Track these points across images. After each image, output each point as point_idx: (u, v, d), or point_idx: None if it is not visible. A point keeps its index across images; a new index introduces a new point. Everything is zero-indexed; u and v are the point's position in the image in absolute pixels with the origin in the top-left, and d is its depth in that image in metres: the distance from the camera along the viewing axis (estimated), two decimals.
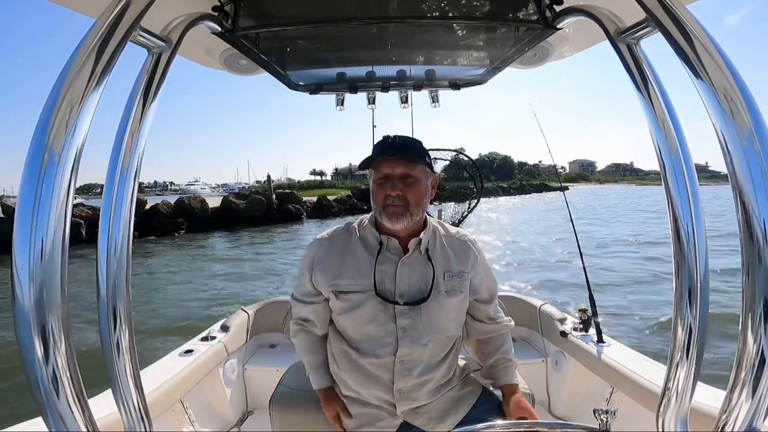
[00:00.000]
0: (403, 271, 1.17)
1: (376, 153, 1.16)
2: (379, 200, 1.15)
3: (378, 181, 1.14)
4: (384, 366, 1.15)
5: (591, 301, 2.10)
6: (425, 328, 1.15)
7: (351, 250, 1.21)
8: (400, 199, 1.12)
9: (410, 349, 1.14)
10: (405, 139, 1.17)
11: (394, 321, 1.15)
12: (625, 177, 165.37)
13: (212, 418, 2.01)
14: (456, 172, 3.43)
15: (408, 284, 1.17)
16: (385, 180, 1.13)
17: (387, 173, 1.13)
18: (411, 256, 1.19)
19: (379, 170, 1.14)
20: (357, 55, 1.50)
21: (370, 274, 1.16)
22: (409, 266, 1.18)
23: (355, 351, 1.18)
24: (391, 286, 1.17)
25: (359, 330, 1.17)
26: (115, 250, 0.65)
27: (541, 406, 2.18)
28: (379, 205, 1.15)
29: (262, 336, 2.48)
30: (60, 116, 0.53)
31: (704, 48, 0.60)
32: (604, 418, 0.63)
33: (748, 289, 0.56)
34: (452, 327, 1.21)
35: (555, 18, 1.02)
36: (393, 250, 1.19)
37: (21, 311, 0.50)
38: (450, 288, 1.18)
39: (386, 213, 1.14)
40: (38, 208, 0.50)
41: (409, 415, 1.17)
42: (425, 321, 1.15)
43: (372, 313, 1.15)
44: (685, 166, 0.67)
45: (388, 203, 1.13)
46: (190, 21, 0.85)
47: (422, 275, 1.18)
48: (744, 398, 0.57)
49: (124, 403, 0.66)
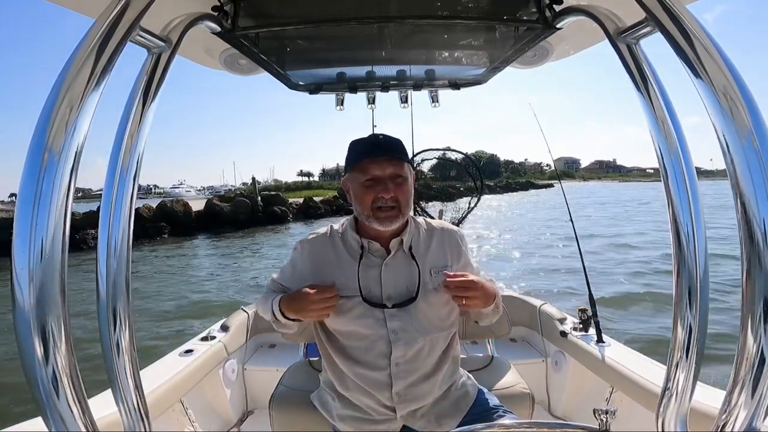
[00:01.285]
0: (388, 273, 1.15)
1: (362, 153, 1.10)
2: (366, 203, 1.09)
3: (365, 183, 1.09)
4: (380, 372, 1.13)
5: (591, 301, 2.10)
6: (417, 328, 1.13)
7: (335, 255, 1.18)
8: (392, 200, 1.09)
9: (404, 351, 1.12)
10: (390, 137, 1.14)
11: (385, 325, 1.13)
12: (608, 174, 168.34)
13: (212, 418, 2.01)
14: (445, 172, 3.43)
15: (394, 286, 1.14)
16: (374, 182, 1.08)
17: (376, 175, 1.08)
18: (395, 257, 1.16)
19: (366, 171, 1.08)
20: (357, 55, 1.50)
21: (354, 280, 1.14)
22: (393, 267, 1.16)
23: (348, 361, 1.15)
24: (377, 290, 1.14)
25: (350, 335, 1.15)
26: (115, 250, 0.65)
27: (541, 406, 2.19)
28: (367, 209, 1.10)
29: (262, 336, 2.48)
30: (60, 116, 0.53)
31: (704, 48, 0.60)
32: (604, 418, 0.63)
33: (748, 289, 0.56)
34: (445, 323, 1.19)
35: (555, 18, 1.02)
36: (375, 253, 1.17)
37: (21, 311, 0.50)
38: (437, 284, 1.15)
39: (377, 217, 1.09)
40: (38, 208, 0.50)
41: (408, 419, 1.16)
42: (416, 321, 1.13)
43: (361, 318, 1.13)
44: (685, 166, 0.67)
45: (379, 206, 1.08)
46: (190, 21, 0.85)
47: (408, 275, 1.15)
48: (744, 398, 0.57)
49: (124, 403, 0.66)
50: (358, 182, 1.11)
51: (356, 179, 1.11)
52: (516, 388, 1.50)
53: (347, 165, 1.14)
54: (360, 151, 1.11)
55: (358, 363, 1.14)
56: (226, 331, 2.22)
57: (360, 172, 1.10)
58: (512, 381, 1.55)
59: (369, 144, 1.11)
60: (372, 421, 1.15)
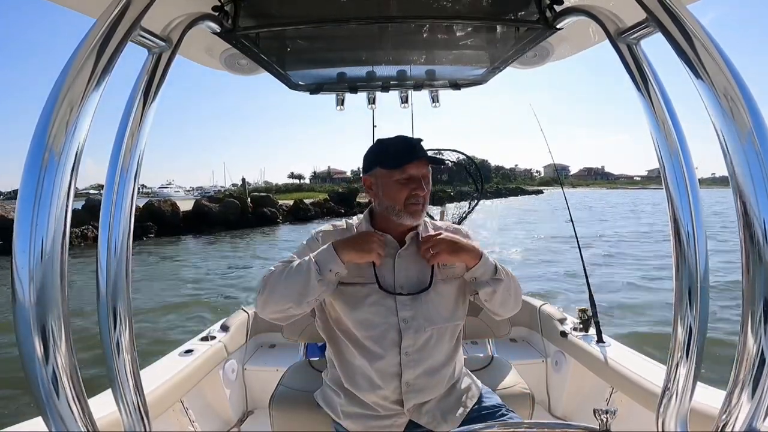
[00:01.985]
0: (400, 263, 1.21)
1: (402, 154, 1.18)
2: (400, 199, 1.17)
3: (402, 181, 1.17)
4: (390, 361, 1.16)
5: (591, 301, 2.10)
6: (427, 317, 1.17)
7: None
8: (422, 198, 1.18)
9: (414, 340, 1.16)
10: (418, 140, 1.22)
11: (396, 313, 1.17)
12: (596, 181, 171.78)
13: (212, 418, 2.01)
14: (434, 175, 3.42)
15: (406, 276, 1.21)
16: (410, 180, 1.17)
17: (413, 174, 1.17)
18: (408, 249, 1.23)
19: (405, 171, 1.17)
20: (357, 55, 1.50)
21: (369, 269, 1.19)
22: (406, 258, 1.22)
23: (359, 351, 1.18)
24: (390, 279, 1.20)
25: (361, 324, 1.18)
26: (115, 250, 0.65)
27: (541, 406, 2.19)
28: (400, 204, 1.18)
29: (262, 336, 2.49)
30: (60, 116, 0.53)
31: (704, 48, 0.60)
32: (604, 418, 0.63)
33: (748, 289, 0.56)
34: (454, 315, 1.23)
35: (555, 18, 1.02)
36: (389, 244, 1.22)
37: (21, 311, 0.50)
38: (445, 276, 1.22)
39: (408, 212, 1.18)
40: (38, 208, 0.50)
41: (414, 414, 1.18)
42: (426, 311, 1.18)
43: (374, 306, 1.17)
44: (685, 166, 0.67)
45: (412, 202, 1.17)
46: (191, 21, 0.85)
47: (420, 266, 1.22)
48: (744, 398, 0.57)
49: (124, 403, 0.66)
50: (392, 179, 1.18)
51: (391, 176, 1.18)
52: (516, 389, 1.50)
53: (376, 163, 1.20)
54: (400, 152, 1.18)
55: (369, 352, 1.17)
56: (226, 331, 2.22)
57: (397, 169, 1.17)
58: (512, 381, 1.55)
59: (408, 146, 1.19)
60: (378, 416, 1.17)
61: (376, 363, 1.16)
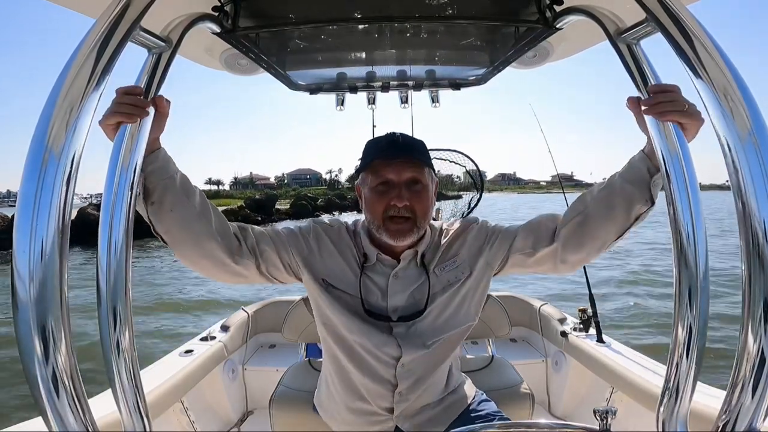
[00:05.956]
0: (395, 285, 1.02)
1: (374, 152, 0.98)
2: (378, 211, 0.95)
3: (377, 189, 0.95)
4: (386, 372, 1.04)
5: (591, 301, 2.10)
6: (430, 332, 1.03)
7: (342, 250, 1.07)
8: (407, 210, 0.94)
9: (413, 356, 1.02)
10: (408, 137, 1.01)
11: (391, 332, 1.02)
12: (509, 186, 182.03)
13: (212, 418, 2.01)
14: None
15: (402, 298, 1.02)
16: (387, 187, 0.94)
17: (390, 178, 0.94)
18: (405, 268, 1.04)
19: (379, 174, 0.95)
20: (357, 56, 1.50)
21: (356, 284, 1.02)
22: (403, 280, 1.03)
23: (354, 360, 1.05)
24: (382, 303, 1.02)
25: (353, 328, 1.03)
26: (115, 250, 0.65)
27: (541, 406, 2.19)
28: (378, 219, 0.96)
29: (262, 336, 2.49)
30: (60, 116, 0.53)
31: (704, 48, 0.60)
32: (604, 418, 0.63)
33: (748, 289, 0.56)
34: (462, 319, 1.06)
35: (555, 18, 1.02)
36: (384, 261, 1.04)
37: (21, 311, 0.50)
38: (447, 282, 1.03)
39: (387, 229, 0.95)
40: (38, 208, 0.50)
41: (401, 420, 1.10)
42: (425, 328, 1.03)
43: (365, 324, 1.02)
44: (685, 166, 0.67)
45: (391, 215, 0.94)
46: (190, 21, 0.85)
47: (417, 286, 1.03)
48: (744, 398, 0.57)
49: (124, 403, 0.66)
50: (368, 186, 0.97)
51: (367, 182, 0.97)
52: (516, 389, 1.50)
53: (360, 167, 1.03)
54: (375, 149, 0.98)
55: (365, 362, 1.05)
56: (226, 331, 2.22)
57: (371, 173, 0.96)
58: (512, 381, 1.55)
59: (386, 142, 0.97)
60: (368, 422, 1.11)
61: (372, 373, 1.04)
